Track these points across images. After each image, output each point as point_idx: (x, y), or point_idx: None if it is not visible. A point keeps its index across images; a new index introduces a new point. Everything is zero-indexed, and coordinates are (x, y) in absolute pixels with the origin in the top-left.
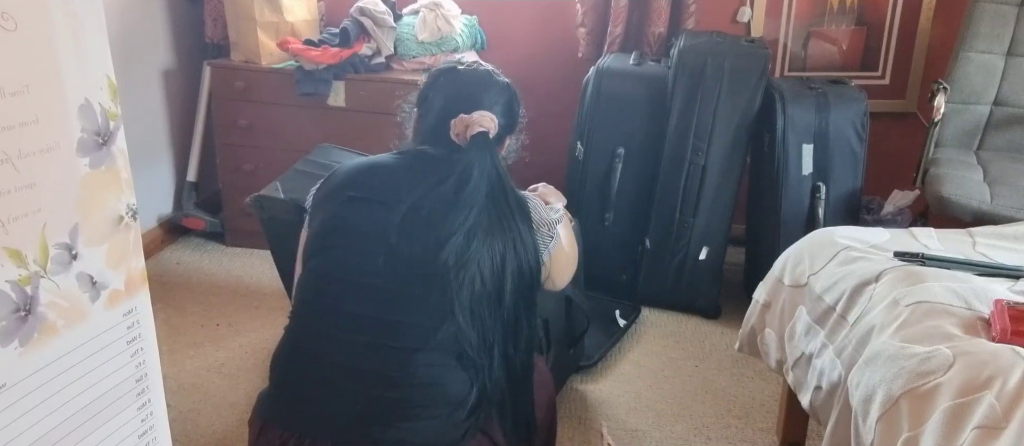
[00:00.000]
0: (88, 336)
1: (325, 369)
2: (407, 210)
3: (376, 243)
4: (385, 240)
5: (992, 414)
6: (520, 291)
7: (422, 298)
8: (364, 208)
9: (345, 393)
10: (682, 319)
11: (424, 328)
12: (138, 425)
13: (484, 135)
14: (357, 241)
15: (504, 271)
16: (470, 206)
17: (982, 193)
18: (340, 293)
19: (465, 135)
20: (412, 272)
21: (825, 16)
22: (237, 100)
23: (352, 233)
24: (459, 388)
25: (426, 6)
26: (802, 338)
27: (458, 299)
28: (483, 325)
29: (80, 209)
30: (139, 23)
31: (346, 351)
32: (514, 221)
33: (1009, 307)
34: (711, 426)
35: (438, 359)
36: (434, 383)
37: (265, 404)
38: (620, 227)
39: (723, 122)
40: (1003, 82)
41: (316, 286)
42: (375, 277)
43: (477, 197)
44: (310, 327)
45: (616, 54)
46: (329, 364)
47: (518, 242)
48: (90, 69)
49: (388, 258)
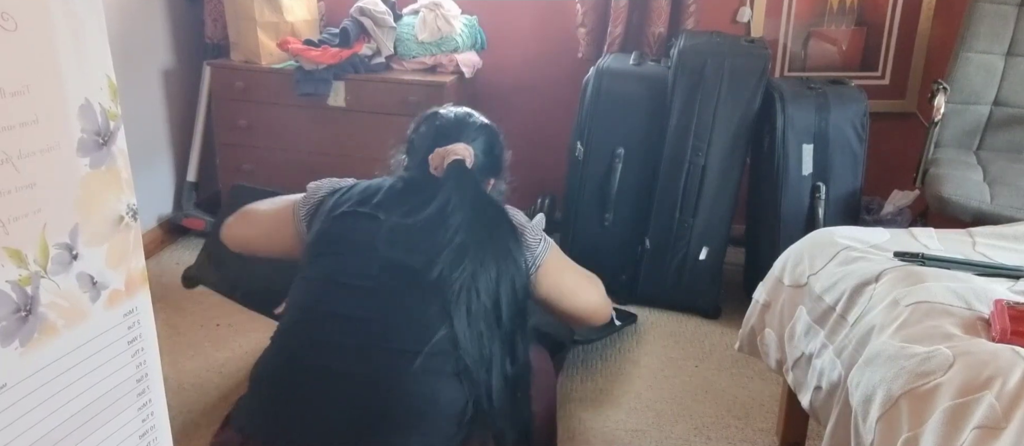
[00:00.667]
0: (88, 336)
1: (315, 377)
2: (394, 223)
3: (367, 250)
4: (375, 248)
5: (992, 414)
6: (514, 306)
7: (417, 305)
8: (354, 220)
9: (335, 403)
10: (682, 319)
11: (418, 331)
12: (139, 425)
13: (460, 162)
14: (349, 248)
15: (499, 289)
16: (455, 227)
17: (982, 193)
18: (332, 298)
19: (442, 166)
20: (405, 279)
21: (825, 16)
22: (237, 100)
23: (343, 242)
24: (453, 402)
25: (426, 6)
26: (802, 338)
27: (456, 311)
28: (481, 341)
29: (80, 209)
30: (139, 23)
31: (337, 356)
32: (503, 241)
33: (1009, 307)
34: (711, 426)
35: (433, 367)
36: (427, 394)
37: (245, 415)
38: (620, 227)
39: (723, 122)
40: (1003, 82)
41: (307, 292)
42: (368, 279)
43: (460, 218)
44: (300, 334)
45: (616, 54)
46: (319, 371)
47: (508, 260)
48: (90, 69)
49: (380, 264)
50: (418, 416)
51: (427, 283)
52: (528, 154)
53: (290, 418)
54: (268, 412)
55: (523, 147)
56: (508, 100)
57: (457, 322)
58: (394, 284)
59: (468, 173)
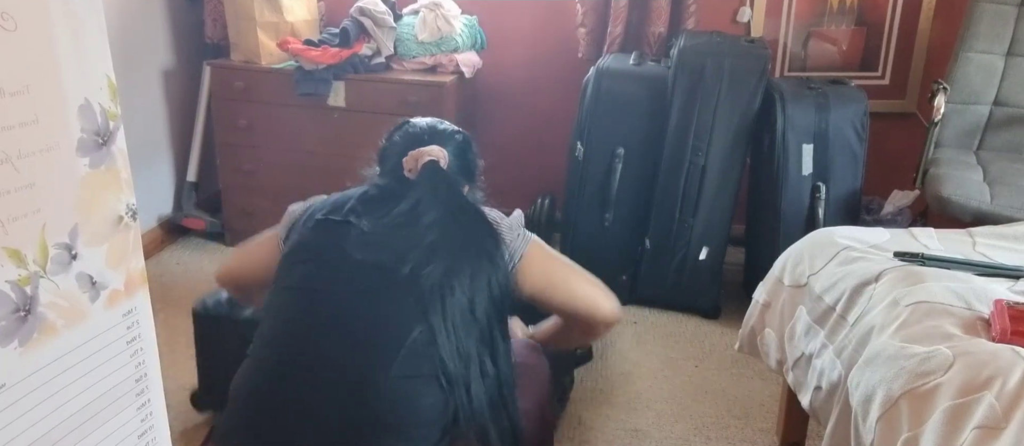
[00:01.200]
0: (88, 336)
1: (293, 387)
2: (367, 224)
3: (339, 256)
4: (347, 253)
5: (992, 414)
6: (490, 304)
7: (392, 304)
8: (326, 227)
9: (315, 413)
10: (682, 319)
11: (394, 330)
12: (138, 425)
13: (434, 162)
14: (322, 254)
15: (474, 286)
16: (428, 225)
17: (982, 193)
18: (307, 306)
19: (416, 167)
20: (378, 280)
21: (825, 16)
22: (237, 100)
23: (316, 248)
24: (433, 407)
25: (426, 6)
26: (802, 338)
27: (431, 307)
28: (458, 336)
29: (80, 209)
30: (139, 23)
31: (316, 364)
32: (478, 239)
33: (1009, 307)
34: (711, 426)
35: (411, 370)
36: (407, 401)
37: (224, 430)
38: (620, 227)
39: (723, 122)
40: (1003, 82)
41: (283, 303)
42: (341, 283)
43: (433, 216)
44: (278, 344)
45: (616, 54)
46: (298, 381)
47: (484, 258)
48: (90, 69)
49: (353, 267)
50: (398, 424)
51: (400, 279)
52: (528, 154)
53: (271, 430)
54: (250, 424)
55: (523, 147)
56: (508, 100)
57: (432, 318)
58: (368, 286)
59: (442, 173)
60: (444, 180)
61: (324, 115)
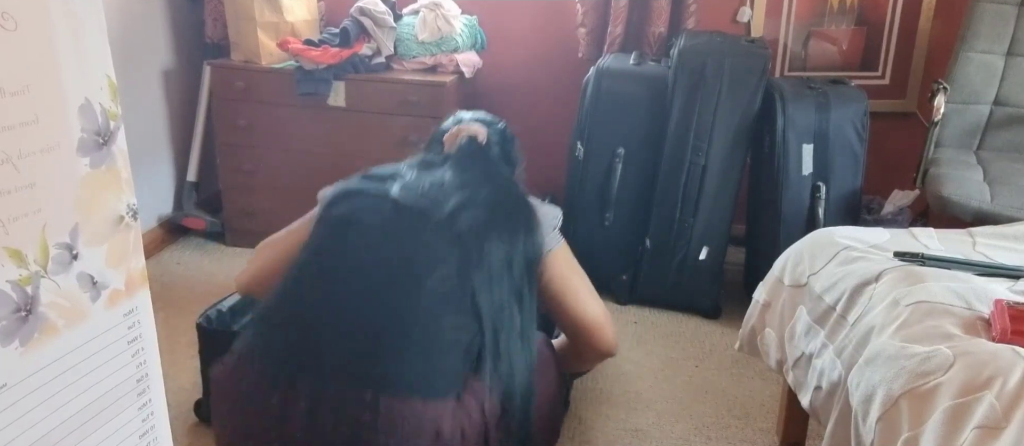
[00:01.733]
0: (88, 336)
1: (320, 305)
2: (406, 180)
3: (380, 196)
4: (387, 195)
5: (992, 414)
6: (523, 265)
7: (431, 231)
8: (370, 181)
9: (339, 329)
10: (682, 319)
11: (428, 259)
12: (139, 425)
13: (474, 138)
14: (363, 198)
15: (510, 246)
16: (467, 183)
17: (982, 193)
18: (343, 235)
19: (454, 144)
20: (416, 218)
21: (825, 16)
22: (237, 100)
23: (359, 194)
24: (456, 329)
25: (426, 6)
26: (802, 338)
27: (469, 244)
28: (491, 278)
29: (80, 209)
30: (139, 23)
31: (343, 283)
32: (517, 211)
33: (1009, 307)
34: (711, 426)
35: (443, 287)
36: (433, 317)
37: (246, 341)
38: (620, 227)
39: (723, 122)
40: (1003, 82)
41: (319, 234)
42: (379, 216)
43: (472, 177)
44: (311, 267)
45: (616, 54)
46: (325, 300)
47: (520, 228)
48: (90, 69)
49: (392, 205)
50: (422, 338)
51: (440, 218)
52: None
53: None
54: (274, 337)
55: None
56: (508, 100)
57: (470, 254)
58: (405, 222)
59: (482, 148)
60: (483, 154)
61: (324, 115)
